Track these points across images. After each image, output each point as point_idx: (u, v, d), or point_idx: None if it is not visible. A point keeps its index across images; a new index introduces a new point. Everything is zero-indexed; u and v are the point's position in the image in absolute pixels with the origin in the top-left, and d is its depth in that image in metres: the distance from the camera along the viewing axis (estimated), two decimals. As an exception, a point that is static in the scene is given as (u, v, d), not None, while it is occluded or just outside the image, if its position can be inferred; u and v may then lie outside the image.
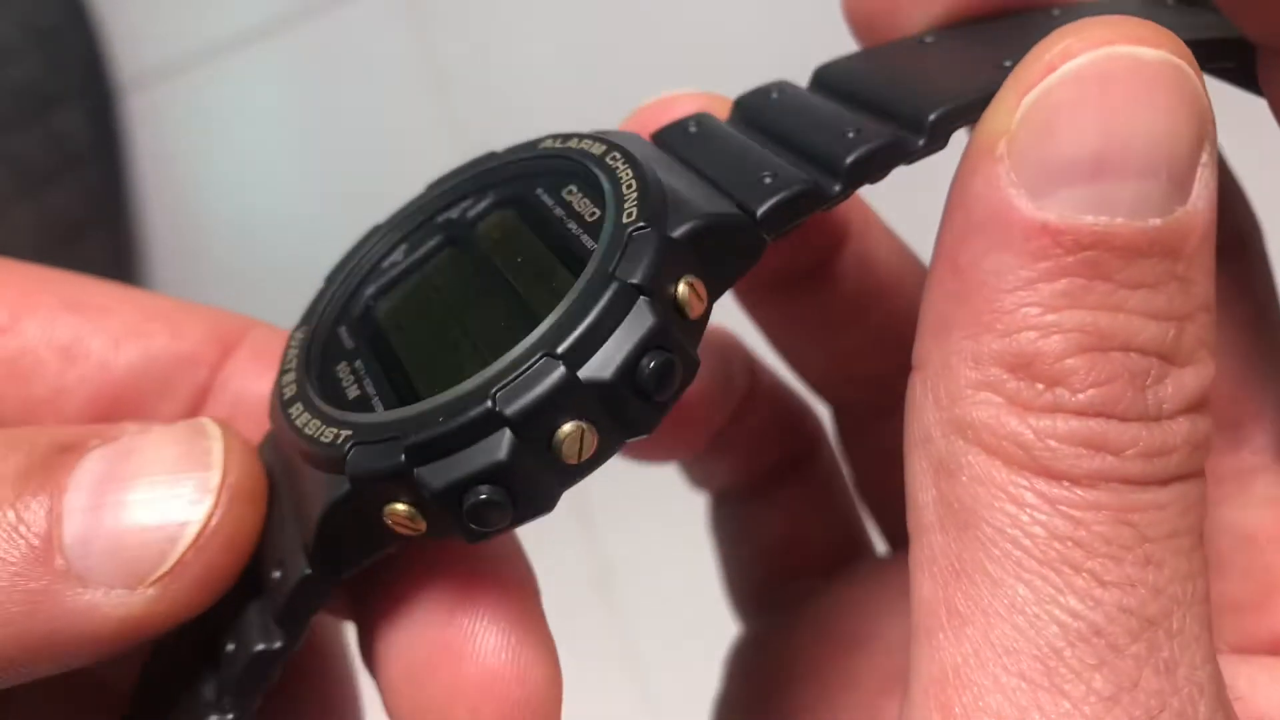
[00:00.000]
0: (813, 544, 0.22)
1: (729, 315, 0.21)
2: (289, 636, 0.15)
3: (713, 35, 0.53)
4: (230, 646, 0.15)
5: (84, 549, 0.13)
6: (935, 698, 0.12)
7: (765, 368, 0.22)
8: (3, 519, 0.13)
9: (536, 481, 0.13)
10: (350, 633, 0.20)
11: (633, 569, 0.53)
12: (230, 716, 0.15)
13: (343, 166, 0.59)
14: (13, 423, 0.17)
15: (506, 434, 0.13)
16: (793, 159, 0.14)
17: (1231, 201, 0.16)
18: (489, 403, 0.13)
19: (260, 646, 0.15)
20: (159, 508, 0.14)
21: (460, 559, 0.15)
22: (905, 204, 0.20)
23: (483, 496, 0.13)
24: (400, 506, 0.13)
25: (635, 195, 0.14)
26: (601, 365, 0.13)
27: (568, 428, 0.13)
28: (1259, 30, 0.14)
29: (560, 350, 0.13)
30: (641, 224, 0.13)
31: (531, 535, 0.25)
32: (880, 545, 0.23)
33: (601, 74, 0.55)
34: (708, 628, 0.53)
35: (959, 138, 0.14)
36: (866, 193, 0.15)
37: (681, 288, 0.13)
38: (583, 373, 0.13)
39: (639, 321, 0.13)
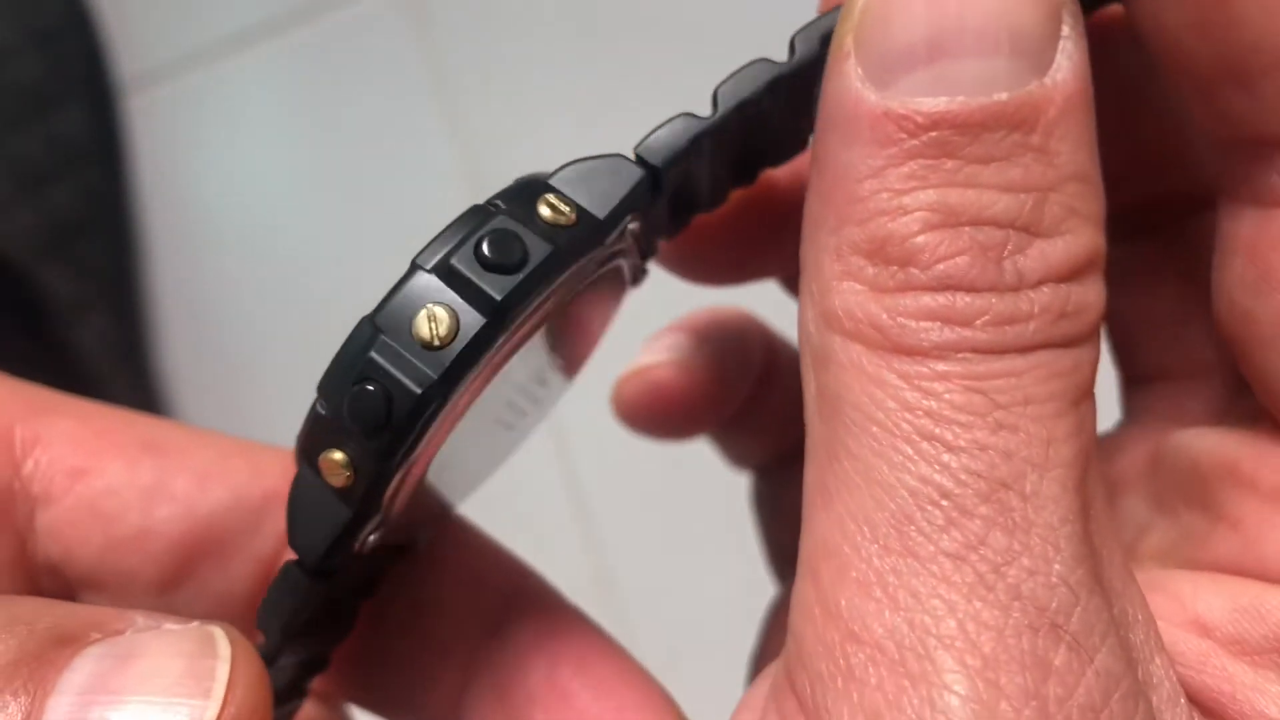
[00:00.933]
0: None
1: (746, 296, 0.21)
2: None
3: (713, 33, 0.53)
4: None
5: None
6: (809, 569, 0.13)
7: (786, 344, 0.22)
8: None
9: (410, 365, 0.14)
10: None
11: (633, 569, 0.53)
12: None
13: (343, 167, 0.59)
14: (93, 563, 0.17)
15: (371, 332, 0.14)
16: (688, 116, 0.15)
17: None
18: (368, 325, 0.14)
19: None
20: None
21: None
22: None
23: (369, 388, 0.13)
24: (335, 455, 0.14)
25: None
26: (439, 255, 0.14)
27: (421, 314, 0.14)
28: None
29: (418, 259, 0.14)
30: (535, 176, 0.15)
31: (532, 536, 0.25)
32: None
33: (602, 74, 0.56)
34: (708, 628, 0.53)
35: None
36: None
37: (541, 203, 0.14)
38: (422, 261, 0.14)
39: (490, 221, 0.14)
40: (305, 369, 0.22)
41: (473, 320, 0.14)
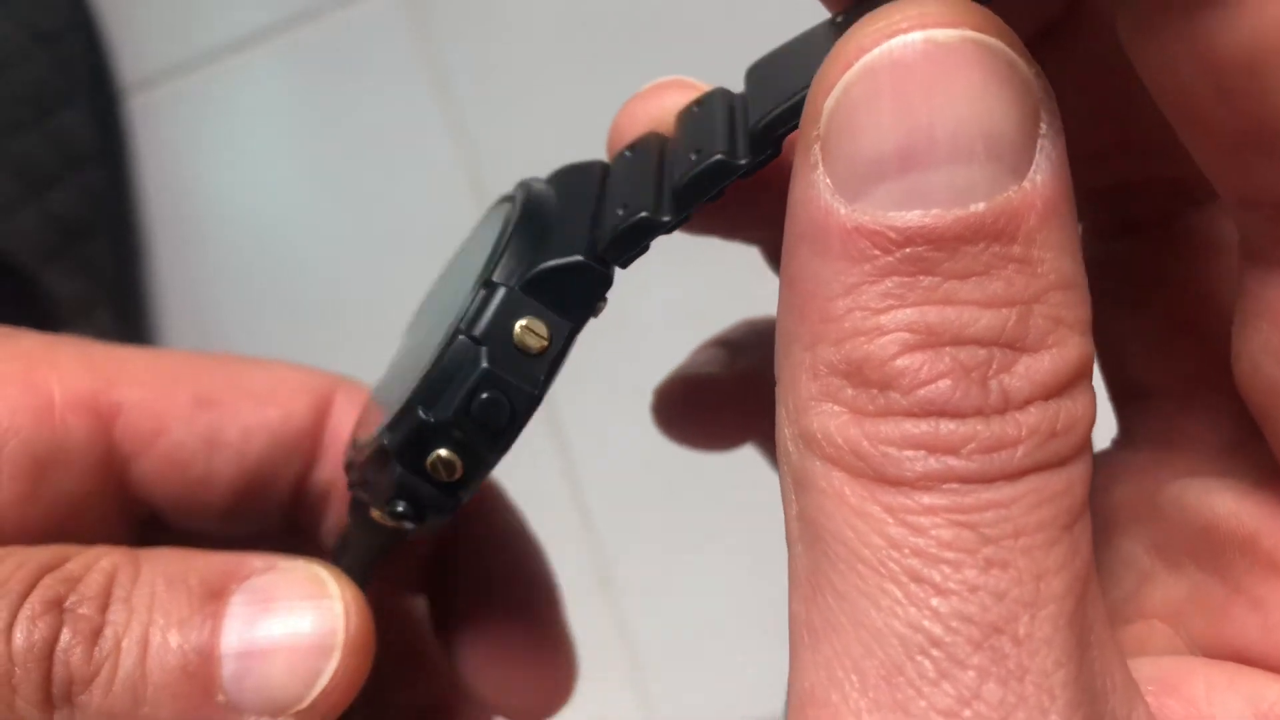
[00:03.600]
0: None
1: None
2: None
3: (714, 33, 0.53)
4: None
5: (238, 685, 0.18)
6: (798, 715, 0.12)
7: None
8: (177, 665, 0.17)
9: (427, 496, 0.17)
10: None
11: (633, 570, 0.53)
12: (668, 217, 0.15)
13: (344, 167, 0.59)
14: (173, 503, 0.22)
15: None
16: (657, 182, 0.15)
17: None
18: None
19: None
20: (298, 664, 0.18)
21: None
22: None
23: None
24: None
25: (501, 252, 0.16)
26: (441, 408, 0.16)
27: (442, 453, 0.16)
28: None
29: (495, 277, 0.16)
30: (493, 280, 0.16)
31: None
32: None
33: (603, 74, 0.56)
34: (708, 628, 0.53)
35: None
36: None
37: (518, 329, 0.16)
38: (426, 414, 0.16)
39: (473, 368, 0.16)
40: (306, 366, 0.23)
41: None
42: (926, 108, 0.12)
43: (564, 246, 0.16)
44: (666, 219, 0.15)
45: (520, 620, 0.24)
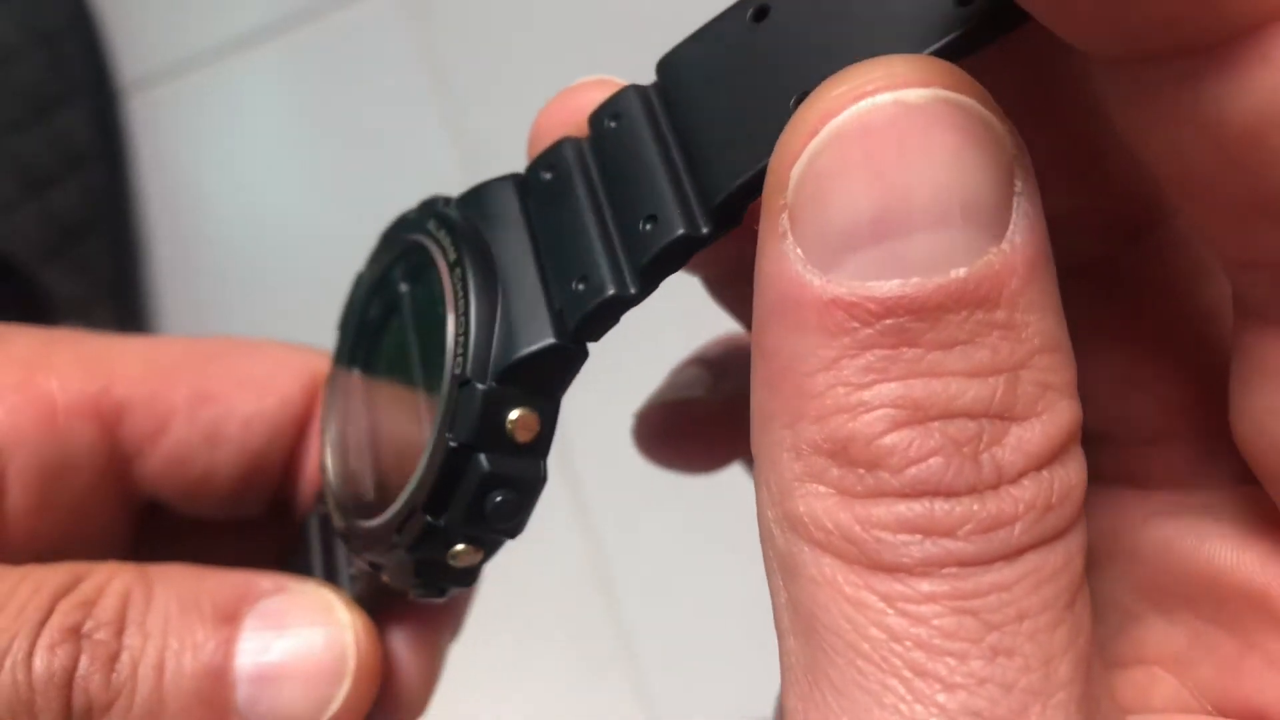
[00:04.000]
0: None
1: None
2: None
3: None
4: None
5: (252, 708, 0.18)
6: None
7: None
8: (193, 690, 0.18)
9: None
10: None
11: (633, 570, 0.53)
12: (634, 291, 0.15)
13: (344, 168, 0.59)
14: (178, 497, 0.22)
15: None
16: (605, 243, 0.15)
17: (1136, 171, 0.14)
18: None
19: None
20: (311, 689, 0.19)
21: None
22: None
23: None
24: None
25: (465, 341, 0.15)
26: (452, 514, 0.16)
27: (459, 547, 0.16)
28: (1087, 42, 0.11)
29: (424, 509, 0.16)
30: (466, 377, 0.15)
31: (533, 538, 0.25)
32: None
33: (602, 74, 0.56)
34: (708, 629, 0.53)
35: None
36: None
37: (509, 425, 0.15)
38: (435, 519, 0.16)
39: (474, 474, 0.15)
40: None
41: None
42: (901, 173, 0.11)
43: (530, 327, 0.15)
44: (634, 293, 0.14)
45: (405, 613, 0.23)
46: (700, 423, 0.22)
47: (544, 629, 0.47)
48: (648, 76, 0.19)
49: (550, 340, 0.15)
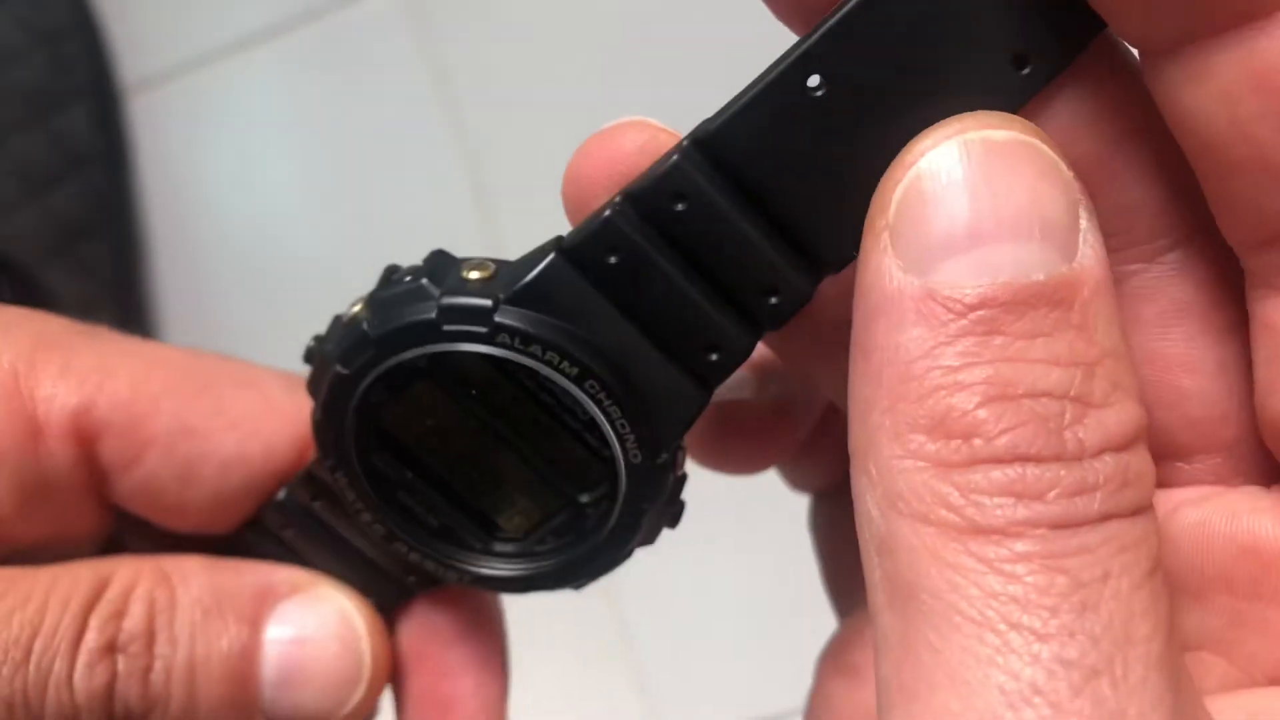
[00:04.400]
0: None
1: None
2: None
3: (713, 33, 0.53)
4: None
5: (274, 710, 0.20)
6: None
7: None
8: (223, 694, 0.19)
9: None
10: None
11: (633, 570, 0.53)
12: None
13: (345, 167, 0.59)
14: (150, 515, 0.22)
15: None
16: (720, 307, 0.16)
17: (1180, 184, 0.15)
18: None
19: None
20: (329, 694, 0.20)
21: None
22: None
23: None
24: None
25: (628, 432, 0.17)
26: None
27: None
28: (1132, 34, 0.14)
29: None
30: (645, 460, 0.17)
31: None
32: None
33: (603, 76, 0.56)
34: (708, 629, 0.53)
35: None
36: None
37: (676, 476, 0.18)
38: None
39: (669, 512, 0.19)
40: (307, 367, 0.23)
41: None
42: (989, 195, 0.13)
43: (679, 400, 0.17)
44: (753, 343, 0.17)
45: (454, 630, 0.24)
46: (748, 425, 0.22)
47: (544, 627, 0.47)
48: (647, 76, 0.19)
49: (697, 401, 0.17)
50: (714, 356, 0.16)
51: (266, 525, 0.22)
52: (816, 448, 0.23)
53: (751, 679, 0.49)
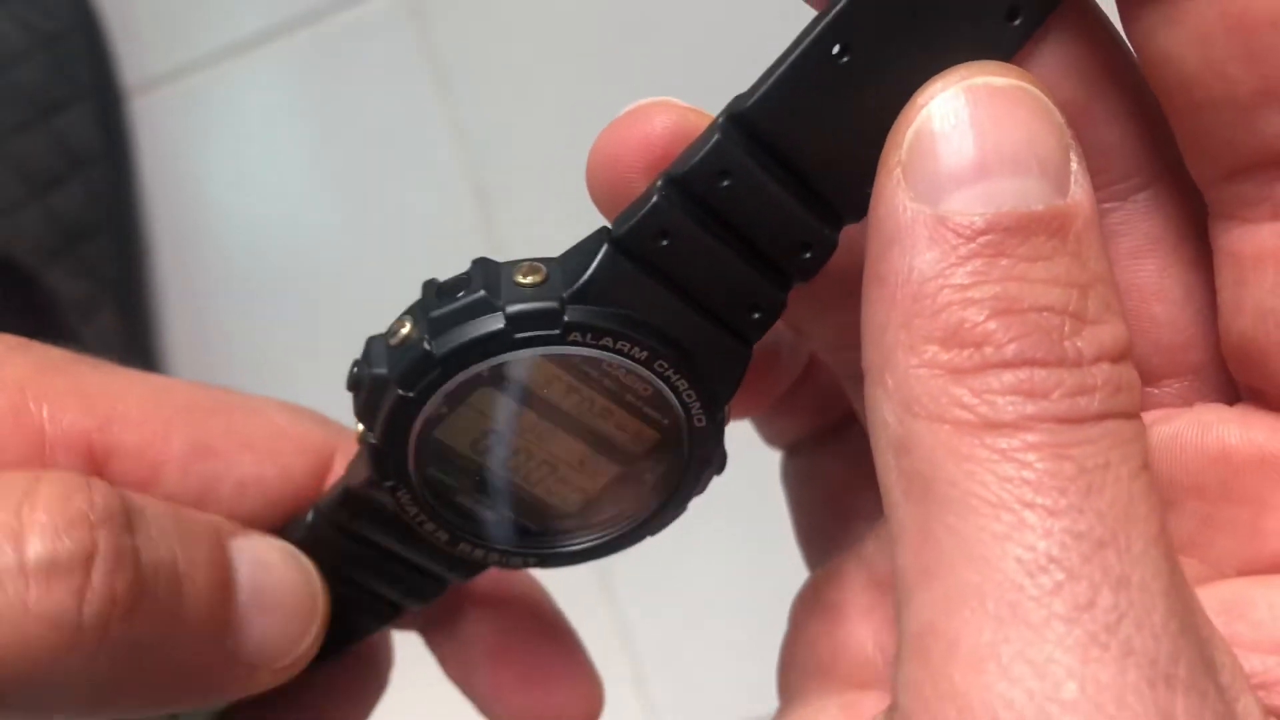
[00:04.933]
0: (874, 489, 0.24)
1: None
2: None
3: (713, 34, 0.54)
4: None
5: (243, 634, 0.20)
6: (916, 651, 0.14)
7: None
8: (210, 605, 0.19)
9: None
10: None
11: (633, 570, 0.53)
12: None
13: (346, 168, 0.59)
14: None
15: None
16: (758, 268, 0.17)
17: (1154, 129, 0.17)
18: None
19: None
20: (290, 624, 0.20)
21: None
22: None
23: None
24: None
25: (695, 400, 0.18)
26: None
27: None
28: None
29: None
30: (708, 422, 0.18)
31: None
32: None
33: (604, 77, 0.56)
34: (708, 629, 0.53)
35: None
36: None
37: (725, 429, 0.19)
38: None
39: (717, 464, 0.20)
40: (309, 367, 0.23)
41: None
42: (993, 133, 0.14)
43: (729, 363, 0.18)
44: (784, 299, 0.18)
45: (537, 648, 0.24)
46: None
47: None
48: (648, 77, 0.19)
49: (742, 355, 0.18)
50: (756, 315, 0.17)
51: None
52: (795, 400, 0.23)
53: (751, 679, 0.49)
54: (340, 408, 0.24)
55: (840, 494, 0.23)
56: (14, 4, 0.58)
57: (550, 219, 0.60)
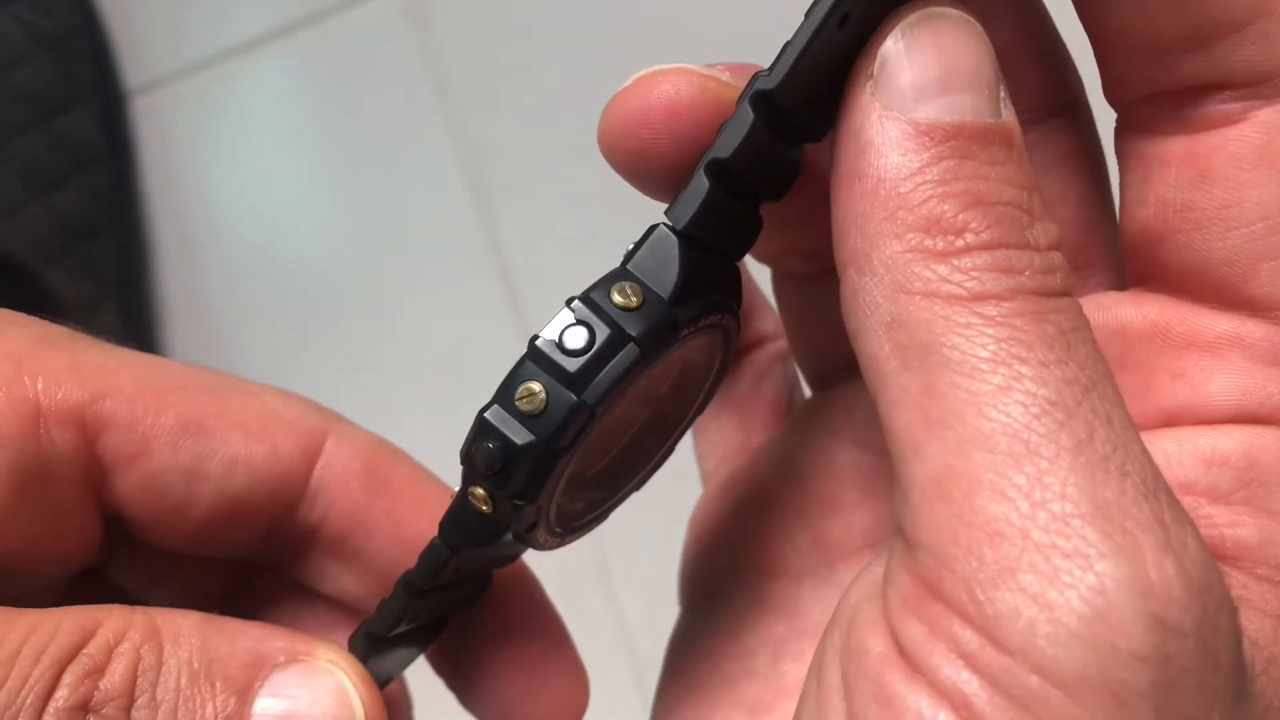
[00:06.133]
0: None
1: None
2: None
3: (714, 36, 0.54)
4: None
5: None
6: (935, 494, 0.15)
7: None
8: None
9: None
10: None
11: (633, 569, 0.53)
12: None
13: (346, 169, 0.60)
14: (149, 521, 0.22)
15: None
16: (748, 201, 0.19)
17: (1063, 69, 0.20)
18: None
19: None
20: None
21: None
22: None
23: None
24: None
25: (736, 331, 0.20)
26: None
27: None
28: None
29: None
30: (738, 337, 0.20)
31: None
32: None
33: (604, 78, 0.56)
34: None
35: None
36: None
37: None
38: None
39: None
40: (309, 368, 0.23)
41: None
42: (952, 53, 0.16)
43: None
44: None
45: (525, 642, 0.24)
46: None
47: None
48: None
49: (740, 276, 0.20)
50: (743, 243, 0.19)
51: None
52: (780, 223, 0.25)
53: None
54: (342, 408, 0.24)
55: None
56: (16, 5, 0.58)
57: (549, 219, 0.60)
